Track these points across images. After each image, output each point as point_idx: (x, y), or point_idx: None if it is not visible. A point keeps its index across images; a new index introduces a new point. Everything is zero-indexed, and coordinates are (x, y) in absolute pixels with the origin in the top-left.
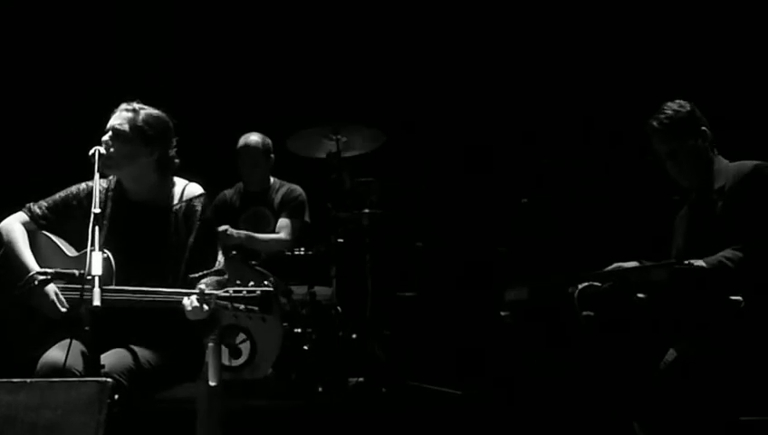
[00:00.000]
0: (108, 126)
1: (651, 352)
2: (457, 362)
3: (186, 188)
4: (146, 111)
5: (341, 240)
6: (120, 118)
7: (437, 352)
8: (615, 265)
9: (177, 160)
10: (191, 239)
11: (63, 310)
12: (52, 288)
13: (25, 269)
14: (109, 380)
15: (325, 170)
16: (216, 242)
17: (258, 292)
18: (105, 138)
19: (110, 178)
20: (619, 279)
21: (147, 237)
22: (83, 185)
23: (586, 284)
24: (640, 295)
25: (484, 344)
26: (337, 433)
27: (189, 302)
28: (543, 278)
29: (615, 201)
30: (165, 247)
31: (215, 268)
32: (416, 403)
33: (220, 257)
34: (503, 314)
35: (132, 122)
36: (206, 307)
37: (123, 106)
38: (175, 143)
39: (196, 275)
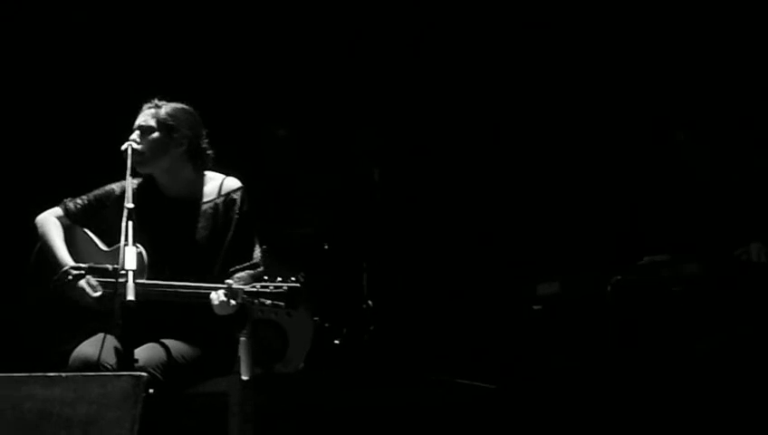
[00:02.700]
0: (134, 126)
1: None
2: (491, 357)
3: (224, 182)
4: (168, 104)
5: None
6: (144, 115)
7: (471, 346)
8: (646, 258)
9: (209, 152)
10: (229, 233)
11: (96, 294)
12: (84, 280)
13: (60, 263)
14: (144, 374)
15: (354, 164)
16: (254, 235)
17: (285, 287)
18: (133, 137)
19: (145, 174)
20: (653, 273)
21: (181, 232)
22: (118, 183)
23: (619, 277)
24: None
25: (516, 338)
26: (368, 427)
27: (216, 296)
28: (576, 272)
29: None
30: (200, 242)
31: (250, 262)
32: (448, 398)
33: (257, 251)
34: (535, 307)
35: (156, 116)
36: (233, 302)
37: (146, 105)
38: (204, 134)
39: (233, 268)
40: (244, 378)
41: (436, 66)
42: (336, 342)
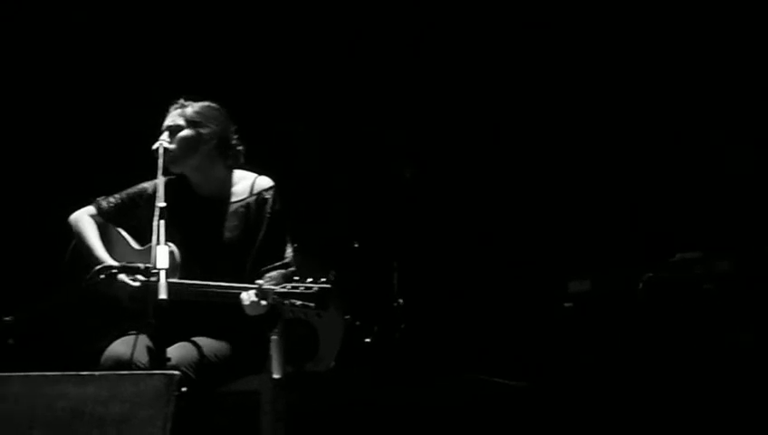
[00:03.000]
0: (163, 128)
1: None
2: (521, 355)
3: (255, 181)
4: (195, 103)
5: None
6: (172, 116)
7: (501, 344)
8: (678, 255)
9: (239, 148)
10: (261, 232)
11: (136, 284)
12: (120, 279)
13: (94, 261)
14: (177, 372)
15: (385, 162)
16: (286, 234)
17: (315, 288)
18: (163, 138)
19: (177, 173)
20: (684, 270)
21: (213, 231)
22: (151, 181)
23: (651, 275)
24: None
25: (547, 336)
26: (399, 425)
27: (247, 296)
28: (607, 270)
29: None
30: (231, 241)
31: (282, 261)
32: (479, 396)
33: (288, 250)
34: (566, 305)
35: (184, 115)
36: (263, 302)
37: (173, 106)
38: (233, 130)
39: (264, 268)
40: (276, 376)
41: (469, 63)
42: (367, 340)
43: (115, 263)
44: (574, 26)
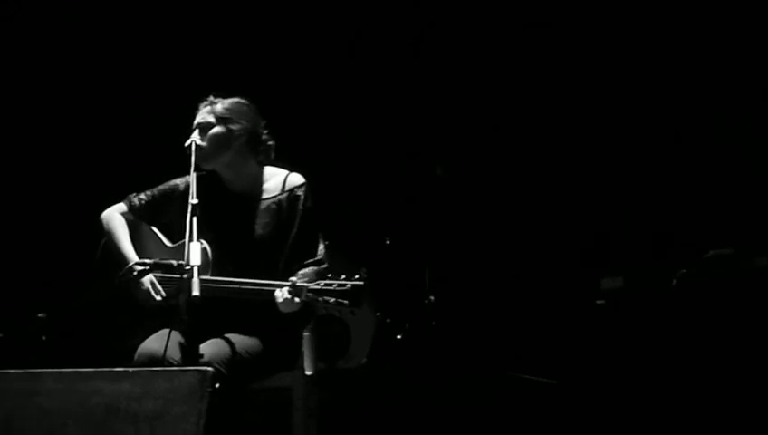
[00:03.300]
0: (193, 126)
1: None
2: (553, 352)
3: (287, 178)
4: (225, 99)
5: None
6: (202, 113)
7: (533, 341)
8: (712, 251)
9: (270, 143)
10: (293, 229)
11: (158, 298)
12: (148, 278)
13: (125, 259)
14: (210, 369)
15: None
16: (318, 231)
17: (348, 285)
18: (194, 135)
19: (209, 170)
20: (718, 267)
21: (244, 228)
22: (182, 178)
23: (684, 271)
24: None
25: (579, 333)
26: (430, 422)
27: (281, 294)
28: (640, 266)
29: None
30: (263, 238)
31: (315, 258)
32: (510, 393)
33: (320, 247)
34: (598, 302)
35: (214, 112)
36: (296, 300)
37: (202, 104)
38: (263, 125)
39: (297, 265)
40: (308, 373)
41: (500, 59)
42: (398, 337)
43: (147, 260)
44: (608, 21)
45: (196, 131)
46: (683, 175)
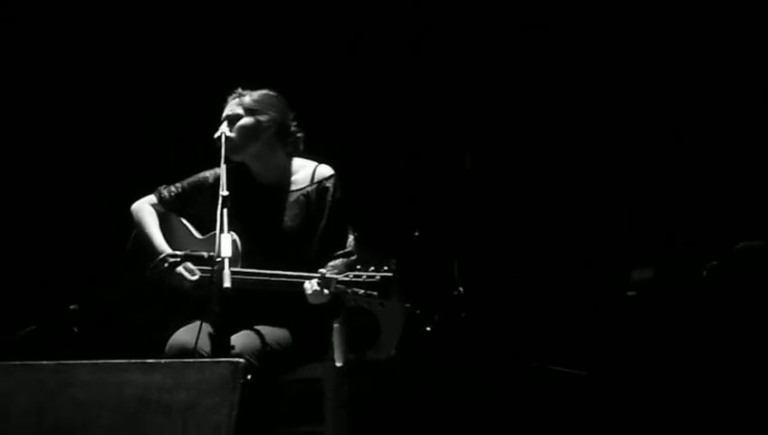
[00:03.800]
0: (222, 118)
1: None
2: (583, 343)
3: (316, 170)
4: (252, 92)
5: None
6: (230, 106)
7: (563, 332)
8: (742, 243)
9: (299, 134)
10: (322, 221)
11: (194, 278)
12: (182, 267)
13: (156, 251)
14: (241, 360)
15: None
16: (347, 223)
17: (378, 277)
18: (222, 127)
19: (238, 162)
20: (749, 259)
21: (274, 220)
22: (212, 170)
23: (715, 263)
24: None
25: (609, 325)
26: (459, 413)
27: (310, 286)
28: (670, 258)
29: None
30: (292, 230)
31: (344, 250)
32: (540, 384)
33: (350, 238)
34: (629, 294)
35: (242, 104)
36: (326, 291)
37: (230, 97)
38: (292, 117)
39: (326, 256)
40: (338, 364)
41: (531, 52)
42: (427, 328)
43: (178, 252)
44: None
45: (225, 123)
46: (715, 166)
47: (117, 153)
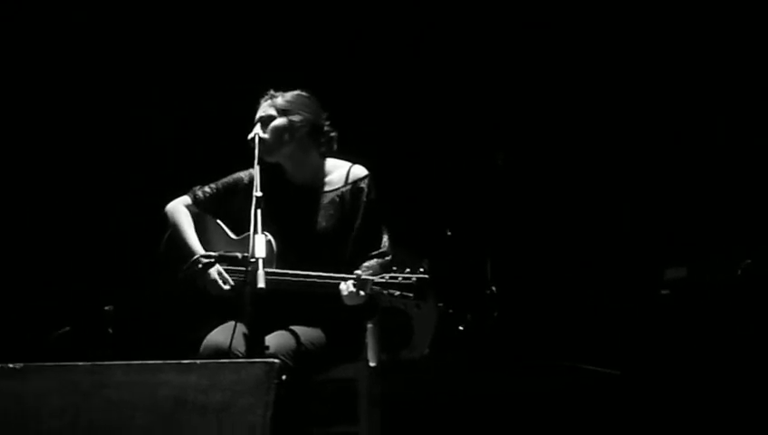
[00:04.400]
0: (255, 120)
1: None
2: (616, 342)
3: (351, 170)
4: (284, 93)
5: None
6: (263, 108)
7: (596, 331)
8: None
9: (333, 134)
10: (357, 221)
11: (227, 287)
12: (215, 270)
13: (190, 252)
14: (276, 361)
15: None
16: (382, 223)
17: (413, 278)
18: (256, 129)
19: (272, 162)
20: None
21: (308, 220)
22: (246, 171)
23: (749, 261)
24: None
25: (643, 324)
26: (492, 412)
27: (346, 287)
28: (704, 256)
29: None
30: (327, 230)
31: (379, 250)
32: (573, 383)
33: (384, 239)
34: (662, 292)
35: (275, 105)
36: (362, 293)
37: (262, 99)
38: (325, 117)
39: (361, 257)
40: (372, 364)
41: (563, 50)
42: (460, 328)
43: (212, 253)
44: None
45: (258, 125)
46: (748, 163)
47: (150, 155)
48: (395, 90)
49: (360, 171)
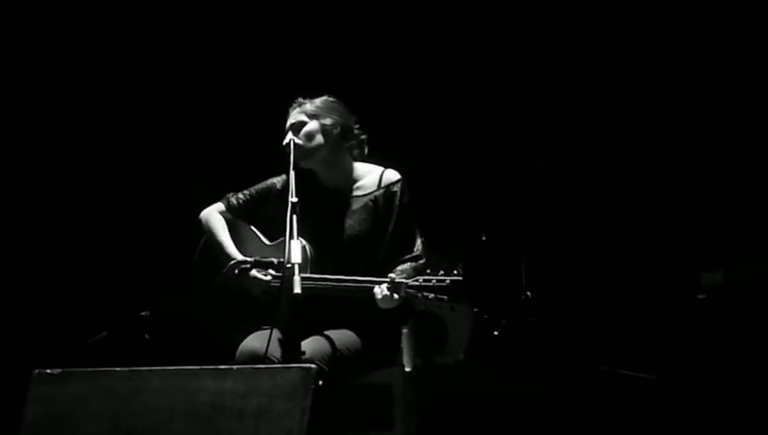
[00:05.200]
0: (286, 128)
1: None
2: (652, 347)
3: (383, 175)
4: (313, 99)
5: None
6: (293, 115)
7: (632, 336)
8: None
9: (363, 137)
10: (390, 225)
11: (267, 278)
12: (252, 275)
13: (226, 257)
14: (313, 366)
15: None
16: (415, 227)
17: (448, 281)
18: (288, 136)
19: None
20: None
21: (342, 225)
22: (279, 177)
23: None
24: None
25: (679, 329)
26: (528, 417)
27: (380, 290)
28: (741, 261)
29: None
30: (361, 235)
31: (412, 254)
32: (609, 388)
33: (418, 243)
34: (699, 297)
35: (304, 111)
36: (396, 296)
37: (291, 108)
38: (355, 120)
39: (395, 261)
40: (407, 369)
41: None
42: (495, 333)
43: (248, 258)
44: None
45: (290, 133)
46: None
47: (186, 162)
48: (431, 93)
49: (392, 175)
